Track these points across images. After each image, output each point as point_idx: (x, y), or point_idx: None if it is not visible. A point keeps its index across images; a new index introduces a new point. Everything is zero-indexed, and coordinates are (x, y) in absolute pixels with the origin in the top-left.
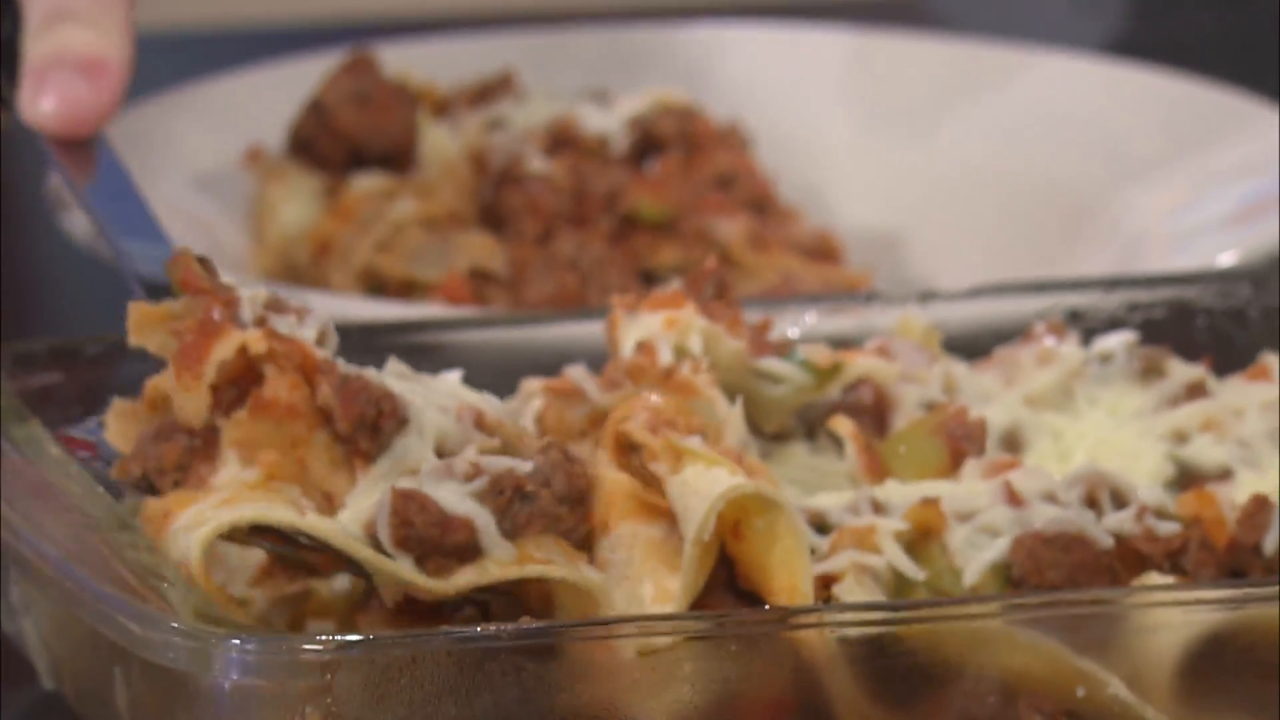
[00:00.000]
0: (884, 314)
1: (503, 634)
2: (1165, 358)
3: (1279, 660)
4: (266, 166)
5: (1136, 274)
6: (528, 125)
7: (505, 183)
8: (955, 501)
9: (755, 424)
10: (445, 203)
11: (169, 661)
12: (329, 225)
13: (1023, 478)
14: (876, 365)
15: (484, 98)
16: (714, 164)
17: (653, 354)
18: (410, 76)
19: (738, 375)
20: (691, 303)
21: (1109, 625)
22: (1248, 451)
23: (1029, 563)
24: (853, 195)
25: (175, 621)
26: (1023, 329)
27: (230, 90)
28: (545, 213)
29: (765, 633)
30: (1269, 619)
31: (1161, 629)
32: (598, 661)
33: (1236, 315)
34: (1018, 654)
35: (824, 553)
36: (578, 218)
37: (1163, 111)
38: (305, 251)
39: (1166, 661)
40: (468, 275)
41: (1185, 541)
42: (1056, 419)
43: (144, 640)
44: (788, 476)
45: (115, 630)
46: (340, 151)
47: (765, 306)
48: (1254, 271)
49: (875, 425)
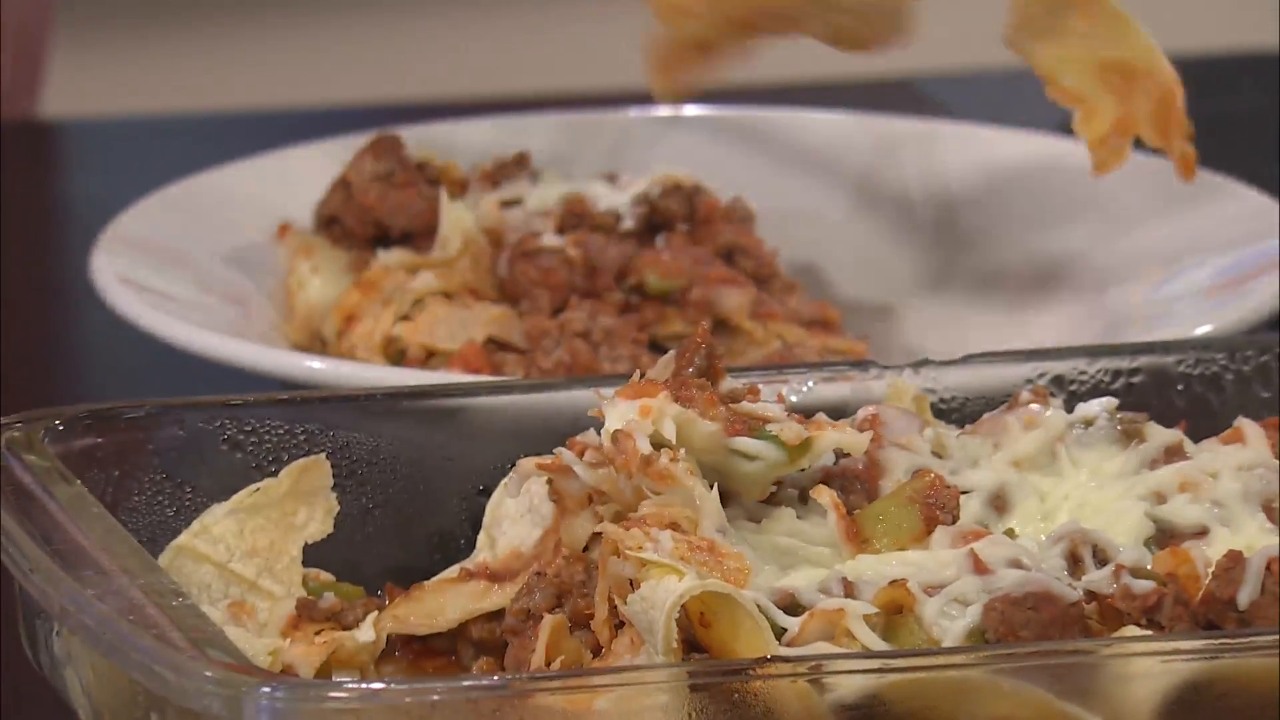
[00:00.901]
0: (878, 381)
1: (512, 680)
2: (1144, 422)
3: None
4: (296, 242)
5: (1117, 343)
6: (542, 203)
7: (520, 258)
8: (923, 575)
9: (738, 496)
10: (464, 277)
11: (203, 708)
12: (354, 298)
13: (987, 547)
14: (845, 438)
15: (500, 177)
16: (718, 239)
17: (630, 441)
18: (432, 157)
19: (714, 454)
20: (665, 390)
21: (1089, 674)
22: (1222, 511)
23: (1002, 625)
24: (846, 268)
25: (209, 670)
26: (1009, 395)
27: (263, 170)
28: (558, 286)
29: (745, 681)
30: (1242, 669)
31: (1140, 678)
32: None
33: (1212, 382)
34: (1003, 702)
35: (794, 635)
36: (589, 290)
37: (1144, 188)
38: (332, 323)
39: (1145, 708)
40: (484, 345)
41: (1161, 598)
42: (1041, 480)
43: (180, 689)
44: (771, 544)
45: (153, 679)
46: (365, 228)
47: (766, 373)
48: (1228, 341)
49: (866, 489)
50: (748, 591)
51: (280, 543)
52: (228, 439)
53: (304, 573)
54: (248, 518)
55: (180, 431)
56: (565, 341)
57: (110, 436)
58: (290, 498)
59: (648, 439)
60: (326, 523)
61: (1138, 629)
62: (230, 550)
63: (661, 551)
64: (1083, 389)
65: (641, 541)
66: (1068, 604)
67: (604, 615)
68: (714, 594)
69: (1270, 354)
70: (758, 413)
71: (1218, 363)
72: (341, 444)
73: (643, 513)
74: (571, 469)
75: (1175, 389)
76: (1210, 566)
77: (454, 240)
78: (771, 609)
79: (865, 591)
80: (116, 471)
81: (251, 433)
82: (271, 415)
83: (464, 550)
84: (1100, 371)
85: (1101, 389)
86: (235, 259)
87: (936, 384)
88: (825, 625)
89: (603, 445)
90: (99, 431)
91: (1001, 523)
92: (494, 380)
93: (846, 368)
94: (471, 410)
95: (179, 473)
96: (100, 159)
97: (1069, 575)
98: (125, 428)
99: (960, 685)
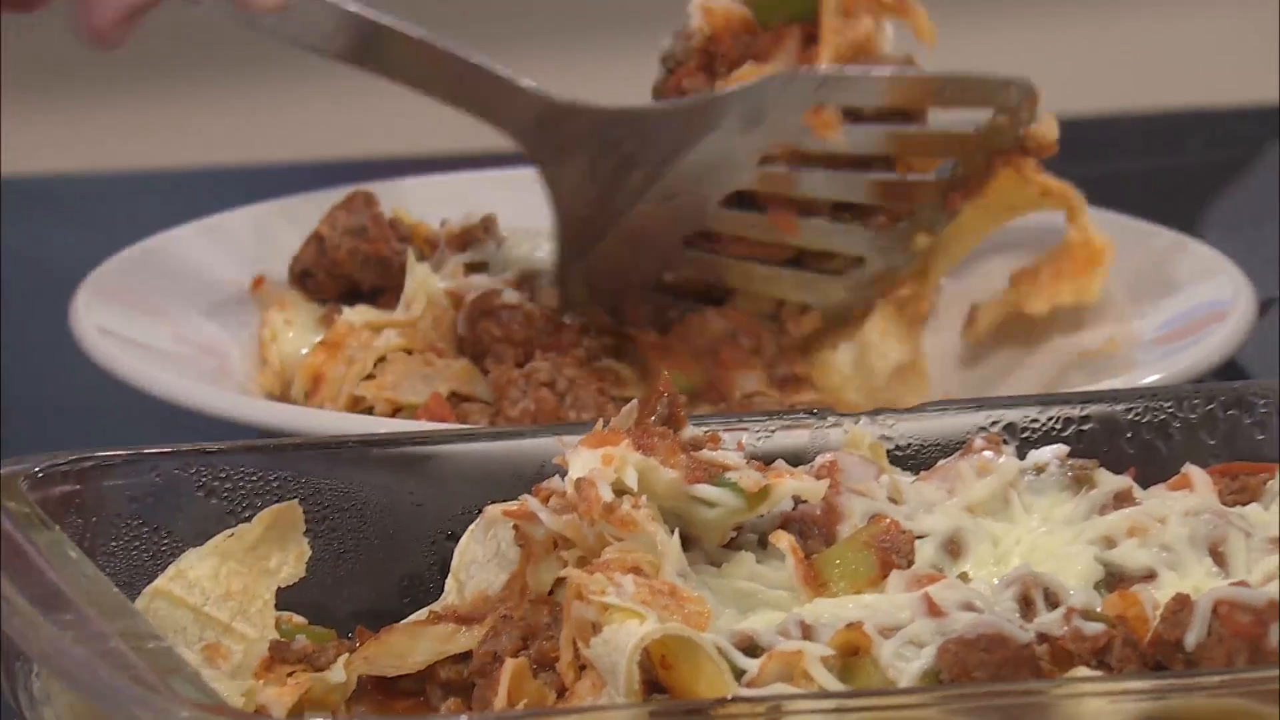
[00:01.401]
0: (836, 429)
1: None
2: (1094, 469)
3: None
4: (270, 295)
5: (1068, 391)
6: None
7: (480, 315)
8: (879, 618)
9: (699, 540)
10: (426, 336)
11: None
12: (319, 357)
13: (942, 590)
14: (803, 486)
15: (468, 240)
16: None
17: (593, 489)
18: (404, 215)
19: (675, 501)
20: (627, 439)
21: (1041, 714)
22: (1170, 555)
23: (956, 666)
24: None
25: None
26: (963, 442)
27: (239, 224)
28: (521, 341)
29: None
30: (1190, 709)
31: (1090, 718)
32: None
33: (1160, 430)
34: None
35: (753, 677)
36: (552, 345)
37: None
38: (300, 385)
39: None
40: (449, 398)
41: (1111, 639)
42: (995, 525)
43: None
44: (731, 587)
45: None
46: (337, 282)
47: (726, 421)
48: (1176, 390)
49: (824, 534)
50: (708, 634)
51: (254, 586)
52: (203, 485)
53: (277, 616)
54: (222, 562)
55: (156, 478)
56: (531, 391)
57: (88, 483)
58: (263, 543)
59: (610, 486)
60: (299, 567)
61: (1088, 670)
62: (205, 594)
63: (624, 595)
64: (1034, 436)
65: (604, 586)
66: (1020, 645)
67: (569, 658)
68: (675, 637)
69: (1216, 403)
70: (718, 460)
71: (1165, 411)
72: (313, 490)
73: (606, 558)
74: (537, 515)
75: (1124, 437)
76: (1158, 609)
77: (418, 301)
78: (731, 651)
79: (822, 634)
80: (94, 517)
81: (226, 479)
82: (245, 462)
83: (433, 594)
84: (1051, 419)
85: (1053, 436)
86: (211, 311)
87: (892, 432)
88: (784, 667)
89: (567, 492)
90: (77, 479)
91: (955, 567)
92: (462, 428)
93: (804, 415)
94: (440, 458)
95: (155, 518)
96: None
97: (1021, 618)
98: (102, 475)
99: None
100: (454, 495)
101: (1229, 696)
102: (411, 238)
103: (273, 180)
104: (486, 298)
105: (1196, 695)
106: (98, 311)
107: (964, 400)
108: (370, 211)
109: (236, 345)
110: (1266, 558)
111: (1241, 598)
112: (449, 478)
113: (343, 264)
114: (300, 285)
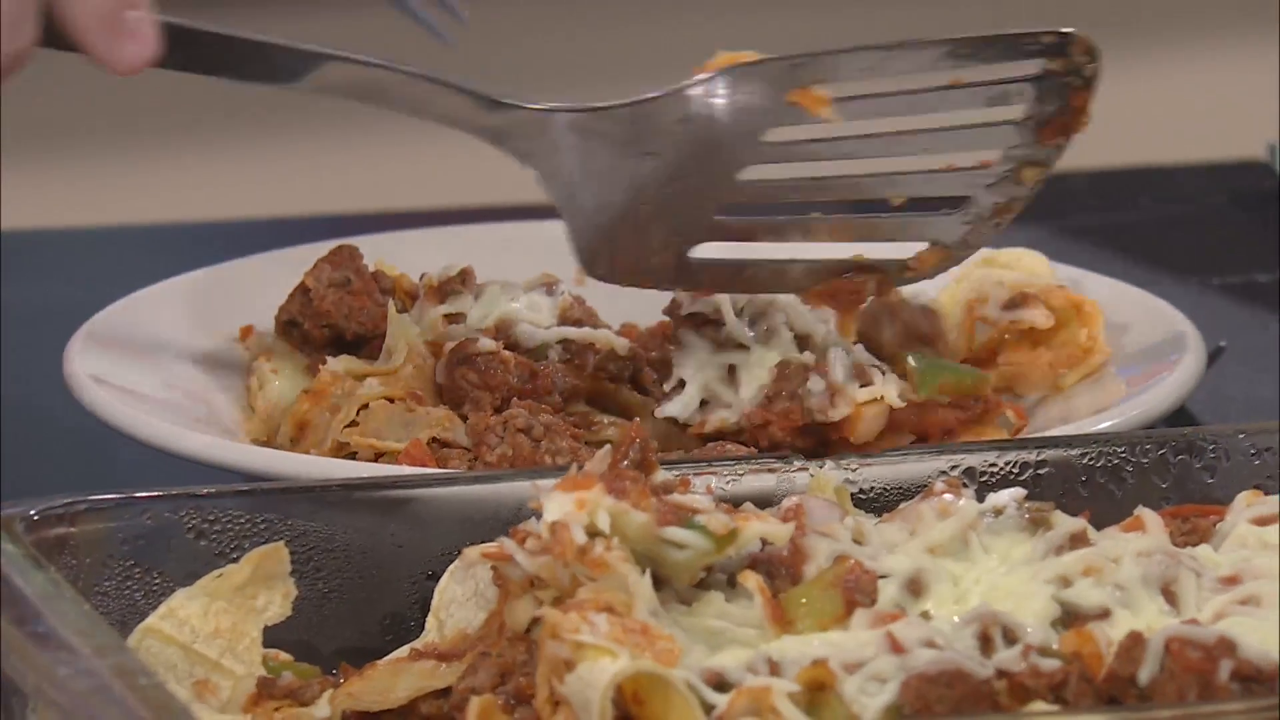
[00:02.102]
0: (802, 473)
1: None
2: (1051, 511)
3: None
4: (258, 344)
5: (1025, 437)
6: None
7: (458, 363)
8: (844, 655)
9: (670, 581)
10: (407, 384)
11: None
12: (304, 406)
13: (904, 628)
14: (769, 528)
15: (446, 292)
16: None
17: (567, 532)
18: (387, 268)
19: (646, 543)
20: (599, 484)
21: None
22: (1124, 594)
23: (918, 701)
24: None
25: None
26: (924, 486)
27: (227, 276)
28: (499, 386)
29: None
30: None
31: None
32: None
33: (1114, 474)
34: None
35: (723, 712)
36: (529, 392)
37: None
38: (286, 432)
39: None
40: (429, 444)
41: (1067, 675)
42: (955, 565)
43: None
44: (702, 625)
45: None
46: (322, 332)
47: (696, 466)
48: (1129, 436)
49: (791, 574)
50: (678, 671)
51: (242, 625)
52: (192, 528)
53: (264, 653)
54: (211, 601)
55: (148, 521)
56: (508, 436)
57: (81, 526)
58: (251, 583)
59: (583, 529)
60: (285, 606)
61: (1045, 705)
62: (195, 632)
63: (597, 634)
64: (993, 480)
65: (578, 625)
66: (979, 681)
67: (545, 695)
68: (647, 673)
69: (1167, 448)
70: (687, 504)
71: (1119, 456)
72: (299, 532)
73: (580, 598)
74: (513, 557)
75: (1079, 480)
76: (1112, 646)
77: (399, 351)
78: (701, 687)
79: (789, 670)
80: (88, 559)
81: (214, 522)
82: (233, 506)
83: (414, 631)
84: (1009, 464)
85: (1010, 480)
86: (200, 359)
87: (856, 476)
88: (752, 702)
89: (542, 535)
90: (71, 521)
91: (917, 605)
92: (442, 472)
93: (772, 460)
94: (421, 501)
95: (146, 559)
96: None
97: (980, 654)
98: (96, 518)
99: None
100: (434, 537)
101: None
102: (394, 290)
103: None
104: (464, 346)
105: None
106: (91, 360)
107: (925, 446)
108: (354, 264)
109: (224, 392)
110: (1216, 597)
111: (1193, 635)
112: (429, 520)
113: (328, 315)
114: (286, 335)
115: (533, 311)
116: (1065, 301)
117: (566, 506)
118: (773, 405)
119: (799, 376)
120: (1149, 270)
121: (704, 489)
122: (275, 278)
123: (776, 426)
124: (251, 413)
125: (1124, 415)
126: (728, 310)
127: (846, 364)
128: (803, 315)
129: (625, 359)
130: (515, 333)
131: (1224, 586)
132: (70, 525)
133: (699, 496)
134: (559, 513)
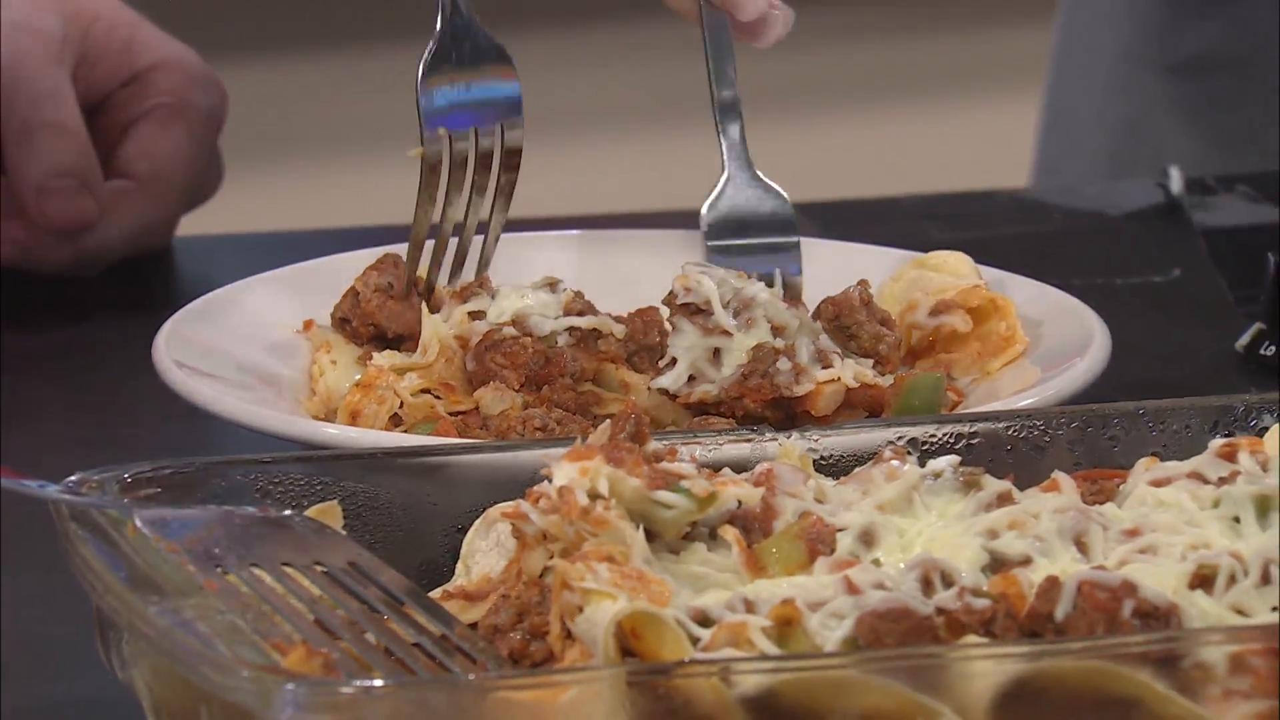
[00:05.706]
0: (772, 443)
1: (488, 678)
2: (981, 475)
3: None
4: (317, 337)
5: (959, 413)
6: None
7: (486, 349)
8: (808, 595)
9: (660, 535)
10: (440, 375)
11: (241, 701)
12: (356, 397)
13: (858, 573)
14: (744, 491)
15: (467, 294)
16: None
17: (572, 495)
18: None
19: (639, 504)
20: (600, 454)
21: (939, 673)
22: (1043, 544)
23: (871, 634)
24: None
25: (245, 671)
26: (875, 453)
27: (292, 277)
28: (522, 365)
29: (670, 679)
30: (1058, 669)
31: (978, 675)
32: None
33: (1034, 444)
34: (871, 695)
35: (706, 643)
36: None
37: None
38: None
39: (984, 698)
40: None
41: (994, 613)
42: (901, 520)
43: (223, 685)
44: (687, 571)
45: (201, 677)
46: (368, 330)
47: (683, 437)
48: (1047, 412)
49: (763, 528)
50: (669, 610)
51: None
52: (260, 489)
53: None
54: None
55: (222, 483)
56: (528, 434)
57: (167, 487)
58: None
59: (586, 493)
60: None
61: (976, 637)
62: None
63: (600, 580)
64: (933, 448)
65: (584, 574)
66: (922, 618)
67: (557, 631)
68: (642, 613)
69: (1079, 421)
70: (675, 470)
71: (1038, 428)
72: (350, 493)
73: (585, 550)
74: (529, 515)
75: (1005, 449)
76: (1033, 588)
77: (433, 346)
78: (688, 623)
79: (762, 608)
80: None
81: (279, 484)
82: (294, 471)
83: (446, 576)
84: (946, 435)
85: (947, 448)
86: (271, 348)
87: (818, 445)
88: (731, 635)
89: (552, 497)
90: (157, 484)
91: (869, 554)
92: (470, 442)
93: (747, 432)
94: (452, 466)
95: None
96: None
97: (923, 595)
98: (179, 480)
99: (838, 681)
100: (463, 497)
101: (1090, 659)
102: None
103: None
104: (490, 334)
105: (1064, 658)
106: (176, 349)
107: (876, 420)
108: (397, 271)
109: (289, 376)
110: (1120, 546)
111: (1100, 579)
112: (459, 483)
113: (373, 315)
114: (340, 330)
115: (542, 306)
116: (983, 299)
117: (572, 473)
118: (748, 381)
119: (770, 358)
120: (1062, 273)
121: (689, 457)
122: (332, 280)
123: (750, 399)
124: (312, 394)
125: (1042, 394)
126: (716, 302)
127: (811, 349)
128: (779, 309)
129: (622, 340)
130: (529, 324)
131: (1126, 538)
132: (158, 486)
133: (684, 464)
134: (566, 479)
